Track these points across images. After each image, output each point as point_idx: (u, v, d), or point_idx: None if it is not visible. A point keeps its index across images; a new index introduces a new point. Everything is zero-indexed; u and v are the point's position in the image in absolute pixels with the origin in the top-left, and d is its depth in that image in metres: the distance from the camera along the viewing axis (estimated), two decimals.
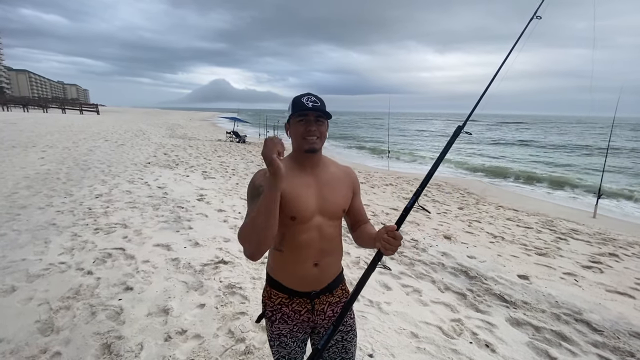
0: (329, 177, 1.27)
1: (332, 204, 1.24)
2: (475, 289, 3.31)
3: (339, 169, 1.33)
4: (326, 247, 1.24)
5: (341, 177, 1.30)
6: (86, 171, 7.60)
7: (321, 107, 1.17)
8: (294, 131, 1.21)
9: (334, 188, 1.26)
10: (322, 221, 1.23)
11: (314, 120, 1.18)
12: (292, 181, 1.21)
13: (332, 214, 1.24)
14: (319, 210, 1.22)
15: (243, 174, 8.74)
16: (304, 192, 1.21)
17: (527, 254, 4.38)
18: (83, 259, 3.38)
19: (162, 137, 17.38)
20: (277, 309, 1.28)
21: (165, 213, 4.98)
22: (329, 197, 1.24)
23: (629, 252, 4.63)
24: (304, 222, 1.20)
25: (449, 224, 5.58)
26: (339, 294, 1.34)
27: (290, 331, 1.29)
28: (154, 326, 2.42)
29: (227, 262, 3.51)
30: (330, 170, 1.30)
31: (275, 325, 1.29)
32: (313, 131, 1.17)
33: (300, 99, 1.18)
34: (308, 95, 1.20)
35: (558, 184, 11.35)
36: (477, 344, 2.47)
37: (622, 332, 2.68)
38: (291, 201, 1.19)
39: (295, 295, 1.26)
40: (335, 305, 1.32)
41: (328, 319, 1.30)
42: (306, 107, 1.16)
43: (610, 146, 7.40)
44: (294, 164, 1.26)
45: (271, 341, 1.32)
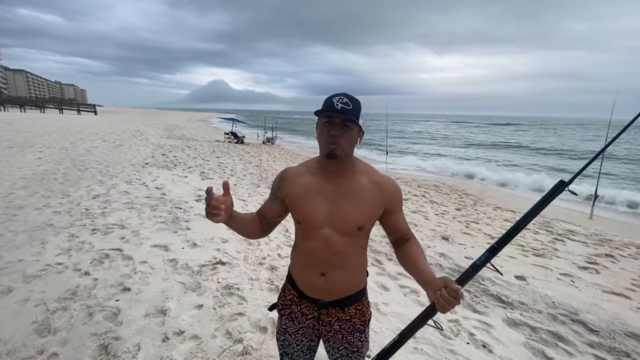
0: (351, 189, 1.14)
1: (345, 219, 1.12)
2: (472, 289, 3.32)
3: (372, 180, 1.16)
4: (334, 260, 1.16)
5: (368, 190, 1.14)
6: (84, 172, 7.57)
7: (351, 111, 1.04)
8: (319, 133, 1.11)
9: (353, 202, 1.13)
10: (331, 234, 1.14)
11: (341, 124, 1.06)
12: (306, 184, 1.17)
13: (343, 229, 1.13)
14: (328, 222, 1.13)
15: (241, 175, 8.73)
16: (314, 200, 1.14)
17: (524, 254, 4.40)
18: (80, 260, 3.37)
19: (160, 137, 17.33)
20: (288, 304, 1.29)
21: (163, 214, 4.97)
22: (343, 210, 1.12)
23: (624, 253, 4.66)
24: (310, 230, 1.16)
25: (447, 224, 5.59)
26: (351, 312, 1.23)
27: (295, 332, 1.28)
28: (152, 327, 2.41)
29: (224, 263, 3.50)
30: (357, 181, 1.15)
31: (284, 319, 1.30)
32: (335, 137, 1.06)
33: (332, 99, 1.06)
34: (341, 95, 1.08)
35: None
36: (474, 345, 2.48)
37: (618, 333, 2.70)
38: (298, 206, 1.17)
39: (304, 298, 1.25)
40: (344, 322, 1.23)
41: (334, 332, 1.24)
42: (333, 109, 1.04)
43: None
44: (317, 166, 1.19)
45: (278, 334, 1.35)
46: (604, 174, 9.39)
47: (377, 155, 17.84)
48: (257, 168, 10.14)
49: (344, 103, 1.05)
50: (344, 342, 1.26)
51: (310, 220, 1.15)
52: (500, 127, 63.45)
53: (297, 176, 1.21)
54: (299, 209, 1.17)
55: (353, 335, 1.25)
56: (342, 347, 1.27)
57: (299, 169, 1.23)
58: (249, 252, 3.85)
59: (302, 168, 1.23)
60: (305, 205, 1.15)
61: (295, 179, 1.20)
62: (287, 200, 1.20)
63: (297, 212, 1.18)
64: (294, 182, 1.20)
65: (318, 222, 1.14)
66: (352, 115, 1.05)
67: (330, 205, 1.14)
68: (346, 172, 1.16)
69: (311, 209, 1.14)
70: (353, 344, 1.26)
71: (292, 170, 1.23)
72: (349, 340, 1.25)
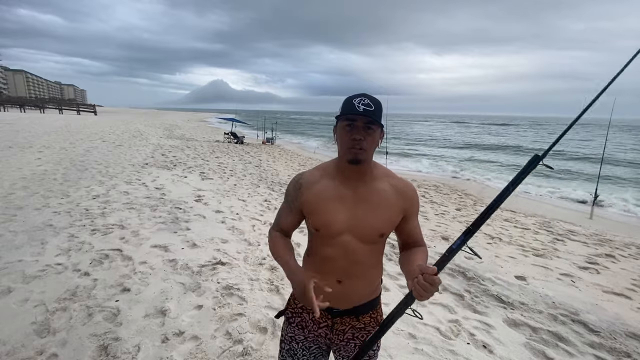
0: (372, 194, 1.10)
1: (366, 226, 1.08)
2: (472, 290, 3.31)
3: (392, 185, 1.13)
4: (353, 268, 1.12)
5: (389, 196, 1.10)
6: (83, 172, 7.57)
7: (374, 113, 1.00)
8: (339, 137, 1.05)
9: (374, 208, 1.08)
10: (351, 241, 1.09)
11: (363, 127, 1.01)
12: (324, 191, 1.12)
13: (364, 236, 1.09)
14: (348, 229, 1.09)
15: (241, 175, 8.73)
16: (334, 206, 1.09)
17: (525, 255, 4.40)
18: (80, 260, 3.37)
19: (159, 137, 17.33)
20: (298, 313, 1.24)
21: (162, 214, 4.97)
22: (364, 217, 1.08)
23: (625, 253, 4.66)
24: (328, 237, 1.11)
25: (447, 225, 5.59)
26: (365, 320, 1.20)
27: (304, 340, 1.23)
28: (151, 328, 2.41)
29: (224, 263, 3.50)
30: (377, 186, 1.11)
31: (292, 327, 1.25)
32: (359, 141, 1.00)
33: (352, 101, 1.01)
34: (362, 96, 1.02)
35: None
36: (475, 345, 2.48)
37: (619, 333, 2.69)
38: (317, 213, 1.11)
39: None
40: (358, 331, 1.20)
41: (347, 341, 1.20)
42: (356, 111, 0.99)
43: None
44: (336, 171, 1.13)
45: (282, 343, 1.29)
46: (607, 177, 9.43)
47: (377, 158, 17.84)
48: (257, 168, 10.13)
49: (365, 104, 1.00)
50: (357, 349, 1.21)
51: (329, 227, 1.10)
52: (499, 127, 63.52)
53: (313, 182, 1.15)
54: (317, 216, 1.12)
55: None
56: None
57: (314, 174, 1.17)
58: (249, 252, 3.85)
59: (318, 172, 1.17)
60: (324, 212, 1.10)
61: (312, 185, 1.15)
62: (304, 208, 1.15)
63: (315, 220, 1.12)
64: (311, 188, 1.14)
65: (337, 229, 1.09)
66: (375, 116, 1.00)
67: (349, 211, 1.09)
68: (365, 177, 1.11)
69: (330, 215, 1.09)
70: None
71: (308, 176, 1.17)
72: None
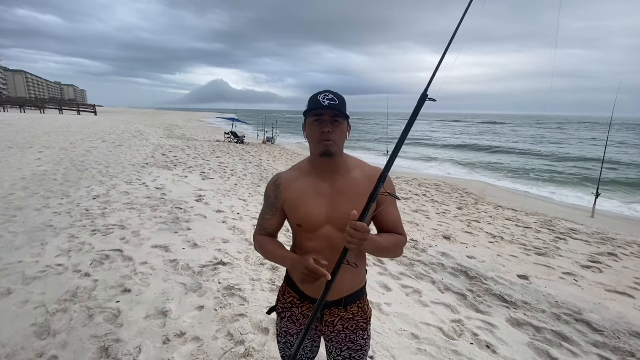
0: (347, 185, 1.14)
1: (345, 216, 1.08)
2: (475, 289, 3.30)
3: (365, 174, 1.16)
4: (337, 258, 1.15)
5: (363, 184, 1.13)
6: (83, 172, 7.55)
7: (338, 106, 1.05)
8: (309, 133, 1.11)
9: (351, 197, 1.12)
10: (333, 232, 1.13)
11: (330, 120, 1.07)
12: (303, 187, 1.16)
13: (343, 226, 1.09)
14: (329, 221, 1.13)
15: (242, 175, 8.71)
16: (313, 201, 1.14)
17: (527, 254, 4.38)
18: (80, 261, 3.35)
19: (160, 137, 17.31)
20: (288, 307, 1.28)
21: (163, 214, 4.95)
22: (342, 207, 1.11)
23: (627, 252, 4.64)
24: (311, 231, 1.15)
25: (449, 224, 5.57)
26: (353, 310, 1.23)
27: (297, 333, 1.27)
28: (153, 329, 2.39)
29: (226, 263, 3.48)
30: (351, 176, 1.15)
31: (284, 322, 1.29)
32: (328, 133, 1.06)
33: (317, 97, 1.07)
34: (326, 92, 1.08)
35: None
36: (478, 345, 2.46)
37: (622, 332, 2.67)
38: (298, 209, 1.16)
39: (305, 299, 1.24)
40: (347, 321, 1.23)
41: (337, 332, 1.23)
42: (321, 106, 1.05)
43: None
44: (310, 167, 1.18)
45: (279, 337, 1.33)
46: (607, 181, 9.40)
47: (370, 159, 17.84)
48: (257, 168, 10.12)
49: (330, 99, 1.06)
50: (347, 341, 1.25)
51: (311, 221, 1.14)
52: (499, 126, 63.45)
53: (292, 180, 1.19)
54: (299, 213, 1.15)
55: (356, 334, 1.25)
56: (346, 347, 1.26)
57: (291, 174, 1.21)
58: (250, 252, 3.83)
59: (295, 172, 1.21)
60: (305, 207, 1.14)
61: (290, 183, 1.18)
62: (286, 207, 1.19)
63: (297, 216, 1.16)
64: (290, 187, 1.18)
65: (318, 222, 1.13)
66: (341, 109, 1.06)
67: (329, 204, 1.13)
68: (340, 169, 1.16)
69: (311, 210, 1.13)
70: (357, 342, 1.26)
71: (285, 176, 1.21)
72: (352, 339, 1.25)
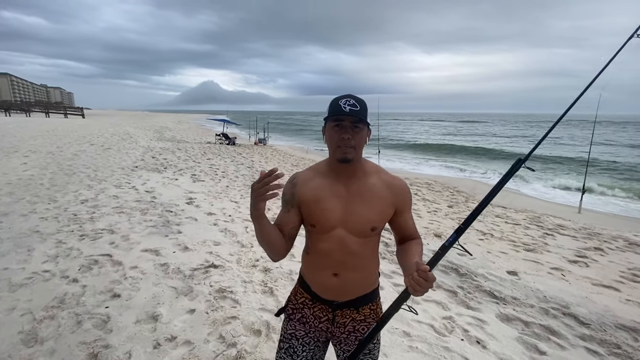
0: (363, 190, 1.14)
1: (359, 220, 1.13)
2: (465, 286, 3.34)
3: (382, 180, 1.17)
4: (348, 261, 1.16)
5: (380, 191, 1.15)
6: (71, 176, 7.42)
7: (360, 112, 1.05)
8: (328, 137, 1.11)
9: (366, 202, 1.13)
10: (345, 235, 1.14)
11: (351, 126, 1.06)
12: (319, 187, 1.16)
13: (357, 229, 1.14)
14: (342, 224, 1.14)
15: (233, 177, 8.66)
16: (329, 202, 1.14)
17: (516, 250, 4.45)
18: (68, 267, 3.29)
19: (149, 140, 17.10)
20: (299, 308, 1.27)
21: (153, 217, 4.89)
22: (357, 211, 1.12)
23: (613, 246, 4.75)
24: (323, 232, 1.15)
25: (440, 222, 5.63)
26: (365, 312, 1.24)
27: (304, 336, 1.25)
28: (143, 333, 2.36)
29: (217, 266, 3.46)
30: (369, 181, 1.16)
31: (292, 323, 1.27)
32: (348, 139, 1.06)
33: (338, 102, 1.06)
34: (347, 97, 1.07)
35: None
36: (469, 341, 2.50)
37: (609, 325, 2.74)
38: (312, 210, 1.15)
39: (318, 300, 1.23)
40: (359, 322, 1.23)
41: (348, 333, 1.23)
42: (342, 112, 1.04)
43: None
44: (327, 169, 1.19)
45: (282, 342, 1.29)
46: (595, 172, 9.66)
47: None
48: (249, 169, 10.07)
49: (351, 105, 1.05)
50: (357, 343, 1.23)
51: (325, 222, 1.14)
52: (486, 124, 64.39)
53: (308, 180, 1.19)
54: (313, 213, 1.15)
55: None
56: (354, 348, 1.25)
57: (307, 173, 1.22)
58: (242, 254, 3.81)
59: (311, 172, 1.22)
60: (320, 208, 1.14)
61: (306, 183, 1.19)
62: (302, 206, 1.18)
63: (311, 216, 1.16)
64: (306, 186, 1.18)
65: (331, 223, 1.14)
66: (362, 115, 1.05)
67: (343, 206, 1.13)
68: (357, 173, 1.16)
69: (325, 211, 1.13)
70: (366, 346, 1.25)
71: (302, 175, 1.22)
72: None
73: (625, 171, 14.58)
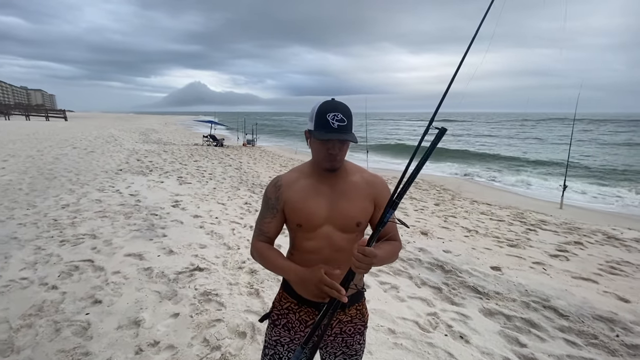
0: (346, 187, 1.18)
1: (344, 216, 1.15)
2: (450, 282, 3.39)
3: (363, 178, 1.21)
4: (337, 257, 1.17)
5: (361, 187, 1.19)
6: (52, 180, 7.22)
7: (347, 127, 1.05)
8: (314, 148, 1.13)
9: (350, 199, 1.16)
10: (332, 231, 1.16)
11: (338, 142, 1.08)
12: (304, 188, 1.18)
13: (343, 225, 1.16)
14: (328, 220, 1.15)
15: (220, 178, 8.58)
16: (314, 201, 1.15)
17: (500, 245, 4.54)
18: (47, 274, 3.20)
19: (135, 142, 16.79)
20: (284, 314, 1.24)
21: (137, 221, 4.81)
22: (342, 208, 1.15)
23: (592, 240, 4.89)
24: (310, 230, 1.16)
25: (426, 220, 5.70)
26: (352, 313, 1.23)
27: (289, 342, 1.23)
28: (124, 339, 2.32)
29: (202, 269, 3.42)
30: (351, 179, 1.20)
31: (277, 329, 1.25)
32: (335, 155, 1.09)
33: (326, 116, 1.04)
34: (335, 112, 1.04)
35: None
36: (452, 336, 2.53)
37: (586, 316, 2.82)
38: (298, 209, 1.16)
39: (304, 304, 1.21)
40: (346, 324, 1.22)
41: (334, 335, 1.22)
42: (331, 129, 1.03)
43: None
44: (311, 170, 1.21)
45: (266, 349, 1.27)
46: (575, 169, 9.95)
47: (350, 157, 18.05)
48: (237, 171, 9.99)
49: (339, 120, 1.04)
50: (343, 346, 1.23)
51: (311, 220, 1.15)
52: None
53: (292, 182, 1.20)
54: (299, 212, 1.16)
55: (353, 338, 1.24)
56: (340, 351, 1.24)
57: (292, 175, 1.23)
58: (229, 256, 3.78)
59: (295, 173, 1.23)
60: (306, 207, 1.15)
61: (291, 184, 1.19)
62: (286, 208, 1.18)
63: (297, 216, 1.17)
64: (291, 187, 1.19)
65: (318, 221, 1.15)
66: (349, 130, 1.06)
67: (329, 204, 1.15)
68: (340, 173, 1.19)
69: (312, 211, 1.15)
70: (352, 347, 1.24)
71: (286, 177, 1.22)
72: (349, 343, 1.23)
73: (598, 169, 14.97)
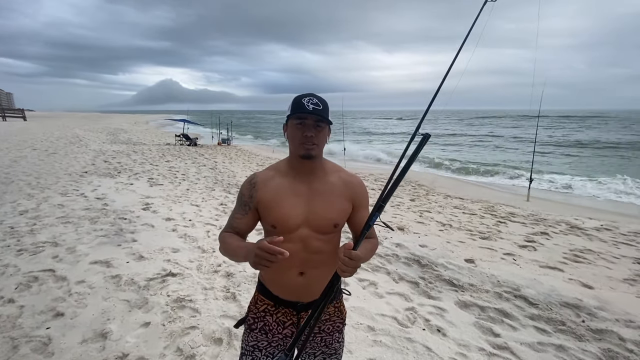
0: (324, 188, 1.16)
1: (321, 218, 1.13)
2: (427, 276, 3.45)
3: (341, 178, 1.20)
4: (313, 259, 1.15)
5: (339, 188, 1.17)
6: (8, 185, 6.71)
7: (322, 112, 1.07)
8: (290, 134, 1.12)
9: (327, 200, 1.15)
10: (309, 234, 1.13)
11: (313, 125, 1.08)
12: (279, 187, 1.14)
13: (320, 227, 1.14)
14: (305, 222, 1.13)
15: (194, 179, 8.32)
16: (290, 202, 1.12)
17: (473, 238, 4.68)
18: (3, 286, 2.96)
19: (102, 143, 15.96)
20: (261, 317, 1.21)
21: (104, 226, 4.55)
22: (319, 209, 1.13)
23: (557, 230, 5.15)
24: (286, 232, 1.12)
25: (402, 215, 5.79)
26: (330, 311, 1.23)
27: (267, 345, 1.20)
28: (89, 354, 2.17)
29: (175, 274, 3.28)
30: (329, 179, 1.18)
31: (254, 334, 1.21)
32: (310, 137, 1.08)
33: (301, 100, 1.07)
34: (310, 96, 1.08)
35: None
36: (430, 330, 2.57)
37: (554, 304, 2.95)
38: (273, 210, 1.13)
39: (281, 304, 1.19)
40: (324, 322, 1.22)
41: (313, 334, 1.21)
42: (306, 110, 1.05)
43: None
44: (288, 168, 1.18)
45: (243, 356, 1.23)
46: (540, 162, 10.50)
47: (329, 156, 18.15)
48: (211, 171, 9.73)
49: (314, 104, 1.06)
50: (322, 345, 1.22)
51: (287, 222, 1.12)
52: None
53: (268, 180, 1.17)
54: (274, 213, 1.12)
55: (332, 337, 1.23)
56: (320, 351, 1.23)
57: (267, 173, 1.19)
58: (203, 260, 3.66)
59: (271, 171, 1.20)
60: (281, 207, 1.12)
61: (266, 182, 1.16)
62: (260, 207, 1.15)
63: (272, 216, 1.13)
64: (266, 186, 1.15)
65: (295, 223, 1.12)
66: (324, 114, 1.07)
67: (305, 204, 1.13)
68: (317, 172, 1.17)
69: (287, 210, 1.12)
70: (331, 346, 1.24)
71: (261, 175, 1.19)
72: (328, 342, 1.23)
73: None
